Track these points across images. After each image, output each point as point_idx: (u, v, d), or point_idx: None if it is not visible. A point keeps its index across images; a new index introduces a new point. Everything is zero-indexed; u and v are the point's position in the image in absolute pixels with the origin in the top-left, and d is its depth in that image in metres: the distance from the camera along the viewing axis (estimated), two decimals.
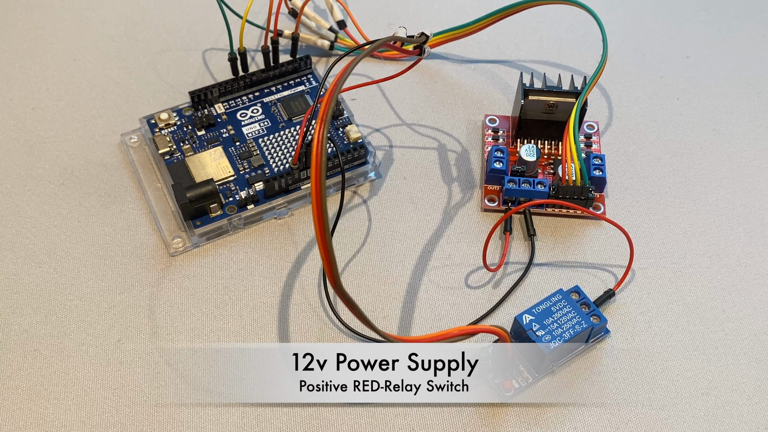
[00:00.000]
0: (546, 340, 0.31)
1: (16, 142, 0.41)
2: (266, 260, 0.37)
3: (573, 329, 0.32)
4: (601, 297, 0.35)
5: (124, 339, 0.34)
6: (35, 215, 0.38)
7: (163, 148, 0.39)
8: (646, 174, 0.41)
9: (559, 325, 0.32)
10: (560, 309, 0.32)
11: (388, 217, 0.39)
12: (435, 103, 0.44)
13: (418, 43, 0.36)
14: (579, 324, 0.32)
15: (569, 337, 0.32)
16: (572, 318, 0.32)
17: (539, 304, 0.33)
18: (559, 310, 0.32)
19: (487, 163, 0.39)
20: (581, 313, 0.32)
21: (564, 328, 0.32)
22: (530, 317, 0.32)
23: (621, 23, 0.48)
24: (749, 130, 0.43)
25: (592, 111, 0.43)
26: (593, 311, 0.33)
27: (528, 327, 0.32)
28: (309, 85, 0.43)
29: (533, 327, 0.32)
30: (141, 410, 0.32)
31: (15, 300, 0.35)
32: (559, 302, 0.33)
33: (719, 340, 0.35)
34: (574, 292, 0.33)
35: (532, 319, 0.32)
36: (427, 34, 0.36)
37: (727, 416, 0.32)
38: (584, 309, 0.33)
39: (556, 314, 0.32)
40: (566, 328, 0.32)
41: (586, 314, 0.32)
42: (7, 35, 0.47)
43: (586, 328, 0.32)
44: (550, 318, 0.32)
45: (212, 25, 0.47)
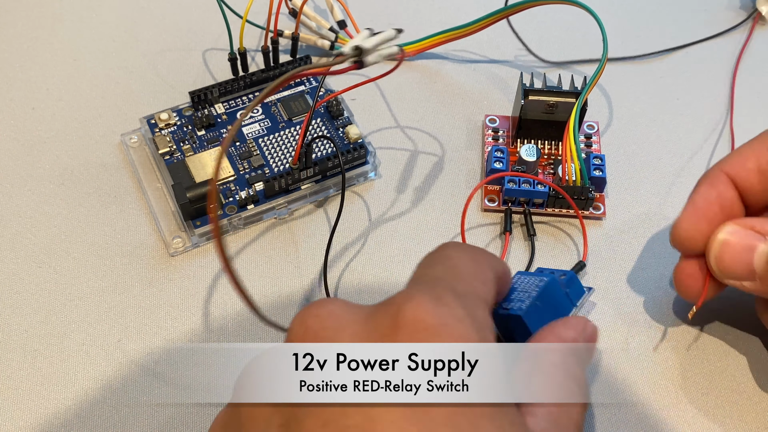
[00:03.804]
0: (516, 308, 0.29)
1: (16, 142, 0.41)
2: (266, 260, 0.37)
3: (536, 287, 0.30)
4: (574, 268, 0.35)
5: (124, 339, 0.34)
6: (35, 215, 0.38)
7: (163, 148, 0.39)
8: (646, 174, 0.41)
9: (524, 291, 0.30)
10: (522, 283, 0.31)
11: (388, 217, 0.39)
12: (435, 103, 0.44)
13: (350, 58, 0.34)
14: (541, 281, 0.30)
15: (536, 293, 0.30)
16: (533, 281, 0.31)
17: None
18: (521, 284, 0.31)
19: (487, 163, 0.39)
20: (541, 275, 0.31)
21: (529, 291, 0.30)
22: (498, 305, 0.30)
23: (621, 23, 0.48)
24: (749, 130, 0.43)
25: (592, 111, 0.43)
26: (558, 272, 0.32)
27: (495, 313, 0.29)
28: (309, 85, 0.43)
29: (500, 310, 0.29)
30: (141, 410, 0.32)
31: (15, 300, 0.35)
32: (520, 279, 0.31)
33: (718, 339, 0.35)
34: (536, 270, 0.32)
35: (500, 303, 0.30)
36: (362, 45, 0.34)
37: (727, 416, 0.32)
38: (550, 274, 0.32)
39: (519, 288, 0.31)
40: (530, 290, 0.30)
41: (550, 273, 0.32)
42: (7, 35, 0.47)
43: (549, 281, 0.30)
44: (515, 294, 0.30)
45: (212, 25, 0.47)
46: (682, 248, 0.32)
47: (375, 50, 0.34)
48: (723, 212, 0.31)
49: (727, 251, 0.30)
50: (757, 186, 0.31)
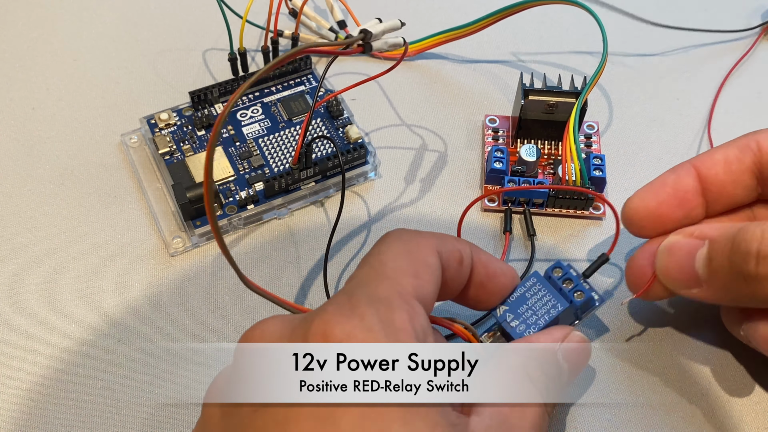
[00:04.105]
0: (520, 331, 0.29)
1: (16, 142, 0.41)
2: (266, 260, 0.37)
3: (548, 314, 0.29)
4: (594, 264, 0.32)
5: (124, 339, 0.34)
6: (35, 215, 0.38)
7: (163, 148, 0.39)
8: (646, 174, 0.41)
9: (534, 312, 0.30)
10: (535, 293, 0.30)
11: (388, 217, 0.39)
12: (435, 103, 0.44)
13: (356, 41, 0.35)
14: (554, 308, 0.30)
15: (544, 323, 0.29)
16: (548, 302, 0.30)
17: (514, 291, 0.30)
18: (534, 294, 0.30)
19: (487, 163, 0.39)
20: (557, 294, 0.30)
21: (539, 315, 0.29)
22: (505, 308, 0.30)
23: (621, 23, 0.48)
24: (749, 130, 0.43)
25: (592, 111, 0.43)
26: (576, 287, 0.30)
27: (502, 319, 0.30)
28: (309, 85, 0.43)
29: (507, 318, 0.29)
30: (141, 410, 0.32)
31: (15, 300, 0.35)
32: (534, 286, 0.30)
33: (718, 339, 0.35)
34: (556, 269, 0.31)
35: (506, 310, 0.30)
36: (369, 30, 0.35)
37: (726, 416, 0.32)
38: (568, 285, 0.30)
39: (531, 300, 0.30)
40: (541, 314, 0.30)
41: (569, 291, 0.30)
42: (7, 35, 0.47)
43: (562, 310, 0.30)
44: (525, 305, 0.30)
45: (212, 25, 0.47)
46: (629, 223, 0.32)
47: (380, 37, 0.35)
48: (676, 196, 0.32)
49: (671, 262, 0.30)
50: (722, 176, 0.32)
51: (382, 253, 0.26)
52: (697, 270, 0.29)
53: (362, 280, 0.25)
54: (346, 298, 0.24)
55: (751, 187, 0.32)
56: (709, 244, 0.29)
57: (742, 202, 0.32)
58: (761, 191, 0.32)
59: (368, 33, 0.35)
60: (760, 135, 0.32)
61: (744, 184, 0.32)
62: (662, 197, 0.32)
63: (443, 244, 0.27)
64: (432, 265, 0.26)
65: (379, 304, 0.24)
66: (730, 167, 0.31)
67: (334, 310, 0.24)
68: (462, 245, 0.28)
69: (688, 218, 0.32)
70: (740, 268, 0.27)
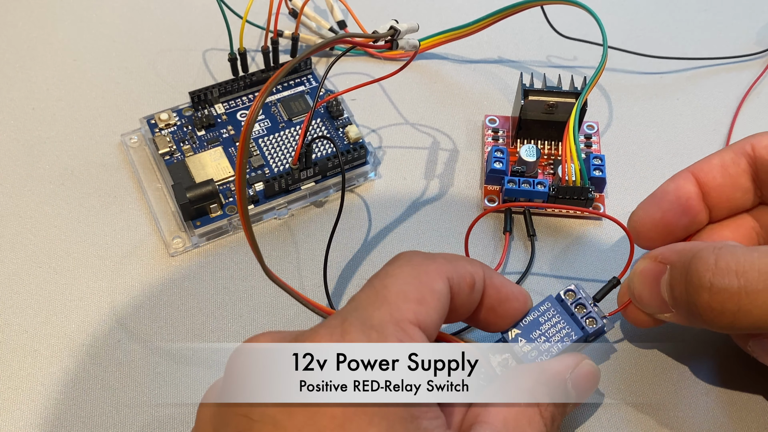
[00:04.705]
0: (531, 357, 0.29)
1: (16, 142, 0.41)
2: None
3: (561, 342, 0.29)
4: (605, 288, 0.32)
5: (124, 339, 0.34)
6: (35, 215, 0.38)
7: (163, 148, 0.39)
8: (646, 174, 0.41)
9: (547, 338, 0.29)
10: (549, 319, 0.30)
11: (388, 217, 0.39)
12: (435, 103, 0.44)
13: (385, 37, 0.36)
14: (569, 336, 0.29)
15: (557, 351, 0.29)
16: (562, 329, 0.30)
17: (528, 314, 0.30)
18: (548, 320, 0.30)
19: (487, 163, 0.39)
20: (571, 321, 0.30)
21: (552, 342, 0.29)
22: (517, 331, 0.29)
23: (621, 23, 0.48)
24: (749, 130, 0.43)
25: (592, 111, 0.43)
26: (588, 314, 0.30)
27: (514, 342, 0.29)
28: (309, 85, 0.43)
29: (519, 343, 0.29)
30: (141, 410, 0.32)
31: (15, 300, 0.35)
32: (549, 311, 0.30)
33: (718, 340, 0.35)
34: (569, 293, 0.31)
35: (518, 334, 0.29)
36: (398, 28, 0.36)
37: (726, 416, 0.32)
38: (580, 311, 0.30)
39: (544, 325, 0.30)
40: (554, 341, 0.29)
41: (581, 318, 0.30)
42: (7, 35, 0.47)
43: (576, 339, 0.30)
44: (538, 331, 0.29)
45: (212, 25, 0.47)
46: (636, 237, 0.32)
47: (404, 36, 0.36)
48: (679, 203, 0.31)
49: (643, 288, 0.30)
50: (720, 180, 0.32)
51: (388, 275, 0.26)
52: (663, 296, 0.29)
53: (361, 302, 0.25)
54: (339, 322, 0.24)
55: (750, 189, 0.32)
56: (669, 270, 0.28)
57: (744, 206, 0.32)
58: (761, 194, 0.32)
59: (397, 31, 0.36)
60: (755, 138, 0.32)
61: (742, 187, 0.32)
62: (665, 206, 0.32)
63: (455, 269, 0.27)
64: (439, 291, 0.26)
65: (371, 331, 0.24)
66: (727, 171, 0.31)
67: (324, 333, 0.24)
68: (475, 268, 0.28)
69: (694, 224, 0.32)
70: (695, 300, 0.26)
